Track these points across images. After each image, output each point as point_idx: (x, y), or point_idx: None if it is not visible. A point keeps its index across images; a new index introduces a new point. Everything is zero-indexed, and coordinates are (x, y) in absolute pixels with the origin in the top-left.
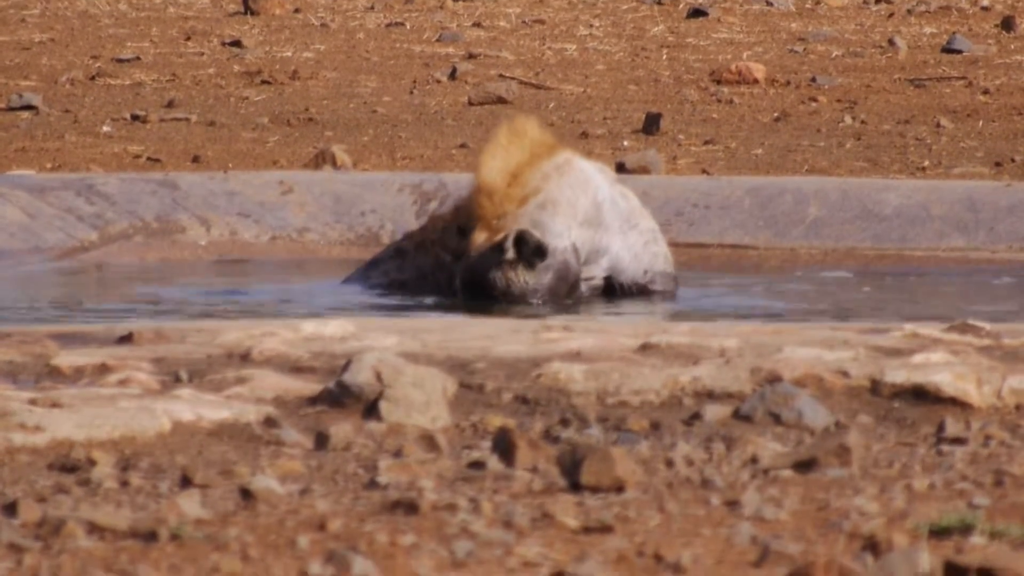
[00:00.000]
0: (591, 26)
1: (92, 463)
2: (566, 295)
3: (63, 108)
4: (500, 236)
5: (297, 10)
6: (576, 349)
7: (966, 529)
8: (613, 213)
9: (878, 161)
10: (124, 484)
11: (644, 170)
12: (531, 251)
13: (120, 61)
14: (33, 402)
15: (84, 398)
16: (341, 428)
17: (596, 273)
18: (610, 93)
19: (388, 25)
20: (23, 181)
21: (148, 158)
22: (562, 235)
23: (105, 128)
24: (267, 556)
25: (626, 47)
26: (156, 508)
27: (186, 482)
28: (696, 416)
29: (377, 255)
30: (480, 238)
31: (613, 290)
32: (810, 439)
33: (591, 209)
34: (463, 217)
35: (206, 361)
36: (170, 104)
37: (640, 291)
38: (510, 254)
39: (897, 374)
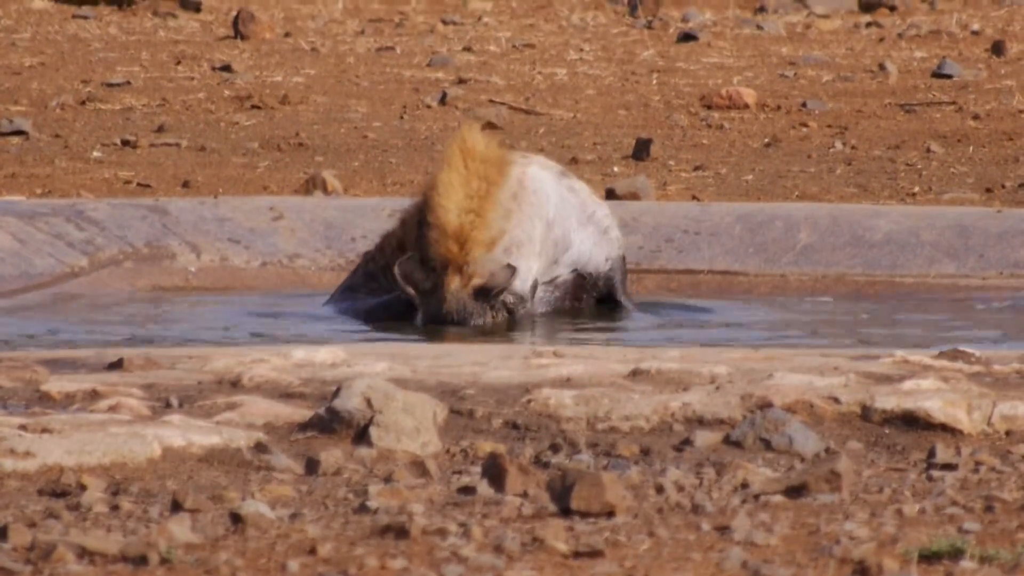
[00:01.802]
0: (581, 51)
1: (82, 488)
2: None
3: (53, 133)
4: (478, 283)
5: (287, 34)
6: (566, 375)
7: (956, 554)
8: (566, 211)
9: (868, 187)
10: (114, 509)
11: (634, 196)
12: (513, 304)
13: (110, 86)
14: (23, 428)
15: (74, 424)
16: (331, 453)
17: (561, 272)
18: (600, 118)
19: (378, 50)
20: (13, 207)
21: (138, 183)
22: (527, 278)
23: (95, 153)
24: None
25: (616, 72)
26: (146, 533)
27: (176, 507)
28: (686, 442)
29: (349, 281)
30: (454, 282)
31: (583, 280)
32: (800, 465)
33: (545, 231)
34: (417, 246)
35: (196, 387)
36: (160, 129)
37: (605, 279)
38: (496, 310)
39: (887, 400)
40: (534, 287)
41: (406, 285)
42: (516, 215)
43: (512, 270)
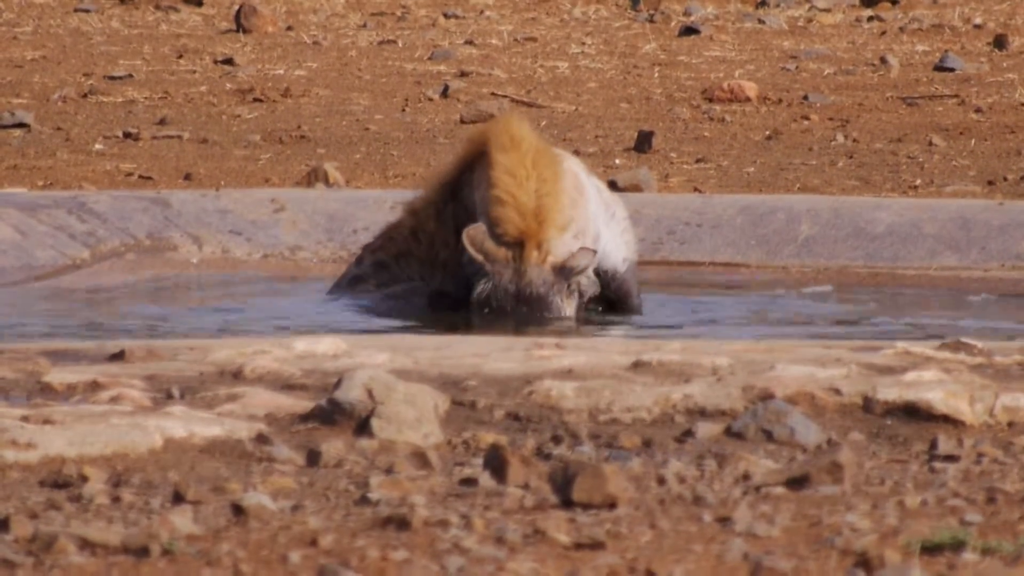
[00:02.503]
0: (583, 44)
1: (84, 479)
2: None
3: (55, 126)
4: (556, 260)
5: (289, 28)
6: (568, 366)
7: (958, 546)
8: (599, 207)
9: (870, 179)
10: (116, 500)
11: (636, 188)
12: (585, 288)
13: (112, 79)
14: (25, 419)
15: (76, 415)
16: (333, 445)
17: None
18: (602, 111)
19: (380, 43)
20: (15, 199)
21: (140, 176)
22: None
23: (97, 146)
24: (259, 572)
25: (618, 65)
26: (148, 524)
27: (178, 498)
28: (688, 433)
29: (356, 271)
30: (533, 256)
31: (597, 276)
32: (802, 456)
33: (592, 222)
34: (443, 218)
35: (198, 378)
36: (162, 122)
37: (620, 281)
38: (571, 290)
39: (889, 392)
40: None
41: (477, 253)
42: (580, 204)
43: (593, 253)
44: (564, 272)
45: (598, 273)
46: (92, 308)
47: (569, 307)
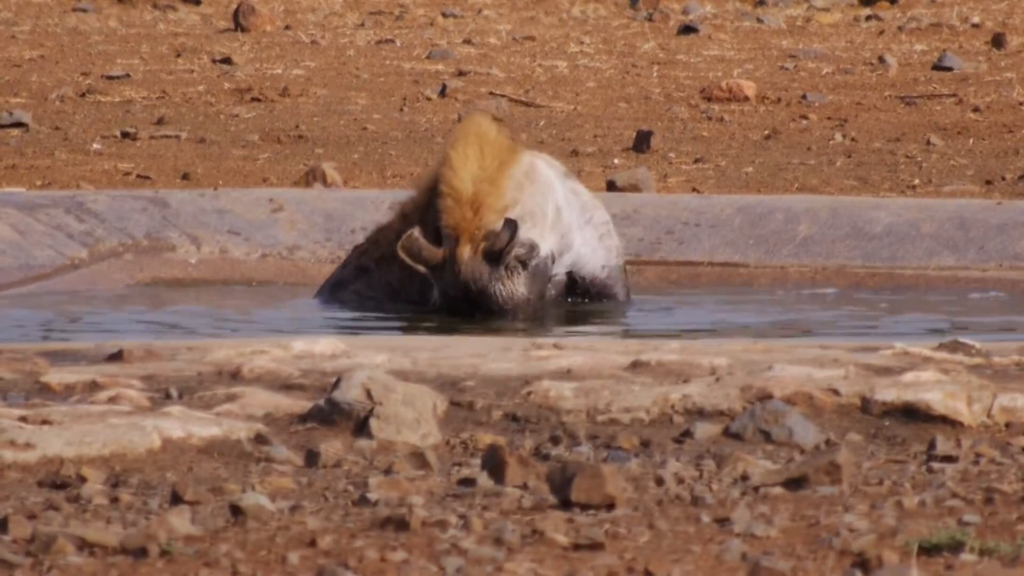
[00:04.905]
0: (582, 43)
1: (82, 480)
2: (539, 300)
3: (53, 125)
4: (491, 244)
5: (287, 27)
6: (566, 367)
7: (956, 546)
8: (569, 210)
9: (868, 179)
10: (114, 501)
11: (635, 188)
12: (525, 256)
13: (110, 78)
14: (23, 419)
15: (74, 415)
16: (331, 445)
17: (559, 270)
18: (600, 110)
19: (378, 42)
20: (13, 198)
21: (138, 175)
22: (542, 245)
23: (95, 145)
24: (257, 572)
25: (617, 64)
26: (146, 524)
27: (176, 499)
28: (686, 434)
29: (339, 275)
30: (466, 251)
31: (575, 283)
32: (800, 457)
33: (554, 214)
34: (427, 221)
35: (196, 378)
36: (160, 121)
37: (600, 287)
38: (510, 256)
39: (887, 392)
40: (551, 258)
41: (415, 263)
42: (528, 189)
43: (512, 223)
44: (495, 256)
45: (575, 279)
46: (91, 308)
47: (518, 286)
